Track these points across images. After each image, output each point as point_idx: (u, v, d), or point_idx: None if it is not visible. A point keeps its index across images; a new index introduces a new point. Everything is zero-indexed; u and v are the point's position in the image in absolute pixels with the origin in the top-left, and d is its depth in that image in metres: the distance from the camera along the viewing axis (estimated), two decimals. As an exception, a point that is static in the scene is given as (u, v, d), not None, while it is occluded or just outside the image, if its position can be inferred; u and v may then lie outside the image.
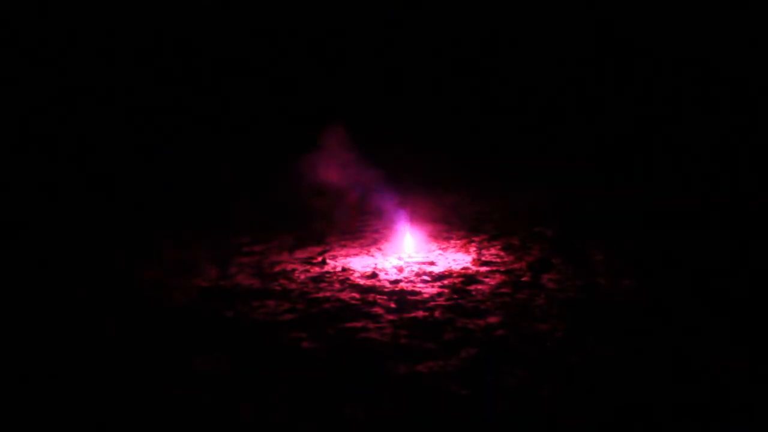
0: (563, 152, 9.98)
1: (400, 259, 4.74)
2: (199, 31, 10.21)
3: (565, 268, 4.35)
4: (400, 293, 3.88)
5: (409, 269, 4.42)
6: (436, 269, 4.40)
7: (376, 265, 4.56)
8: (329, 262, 4.69)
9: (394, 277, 4.24)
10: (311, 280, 4.25)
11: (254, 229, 5.89)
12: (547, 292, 3.84)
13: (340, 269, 4.48)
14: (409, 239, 5.12)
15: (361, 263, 4.64)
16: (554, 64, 11.06)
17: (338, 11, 10.81)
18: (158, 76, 9.87)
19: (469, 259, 4.67)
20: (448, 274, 4.27)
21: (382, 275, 4.28)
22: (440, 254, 4.84)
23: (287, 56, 10.72)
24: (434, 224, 5.91)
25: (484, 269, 4.38)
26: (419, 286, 4.03)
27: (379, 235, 5.56)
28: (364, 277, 4.26)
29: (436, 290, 3.92)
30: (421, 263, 4.56)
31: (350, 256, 4.88)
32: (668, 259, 4.53)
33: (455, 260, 4.65)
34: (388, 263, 4.61)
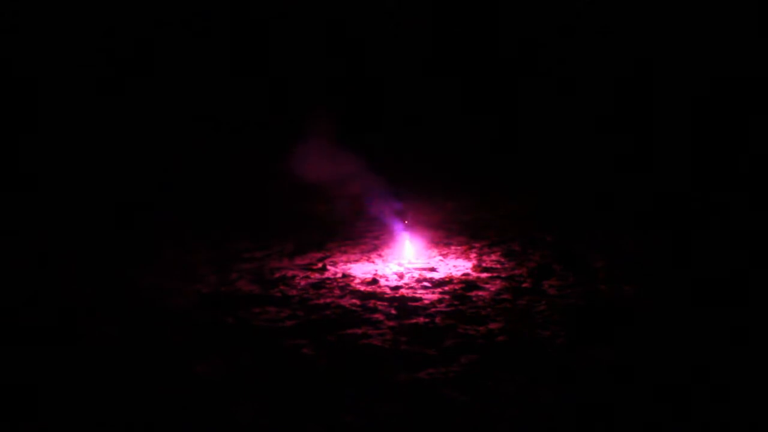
0: (564, 154, 9.95)
1: (400, 265, 4.73)
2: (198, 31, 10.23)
3: (566, 274, 4.34)
4: (400, 299, 3.87)
5: (409, 275, 4.42)
6: (436, 275, 4.40)
7: (376, 271, 4.56)
8: (330, 268, 4.69)
9: (394, 283, 4.24)
10: (311, 286, 4.24)
11: (254, 234, 5.88)
12: (548, 298, 3.84)
13: (340, 275, 4.48)
14: (409, 245, 5.12)
15: (361, 269, 4.63)
16: (554, 63, 11.03)
17: (338, 12, 10.82)
18: (157, 75, 9.87)
19: (469, 265, 4.66)
20: (448, 280, 4.27)
21: (382, 281, 4.27)
22: (441, 260, 4.84)
23: (286, 56, 10.70)
24: (434, 230, 5.90)
25: (484, 275, 4.38)
26: (420, 292, 4.02)
27: (379, 241, 5.55)
28: (364, 283, 4.26)
29: (436, 296, 3.92)
30: (421, 269, 4.56)
31: (351, 262, 4.87)
32: (670, 263, 4.52)
33: (456, 266, 4.65)
34: (388, 269, 4.60)
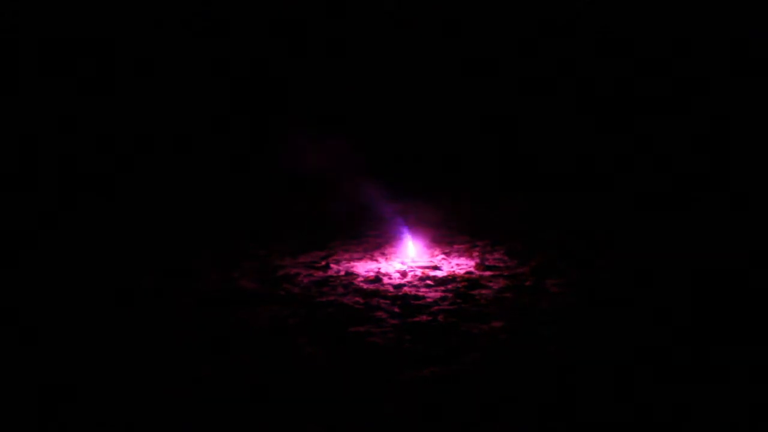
0: (564, 154, 9.93)
1: (403, 263, 4.73)
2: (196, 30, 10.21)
3: (568, 272, 4.34)
4: (403, 298, 3.88)
5: (412, 273, 4.42)
6: (439, 273, 4.40)
7: (379, 269, 4.56)
8: (333, 266, 4.69)
9: (397, 281, 4.24)
10: (314, 284, 4.25)
11: (256, 233, 5.89)
12: (550, 296, 3.84)
13: (343, 273, 4.48)
14: (412, 244, 5.12)
15: (364, 267, 4.64)
16: (554, 63, 10.99)
17: (338, 11, 10.79)
18: (158, 76, 9.86)
19: (472, 263, 4.66)
20: (451, 278, 4.27)
21: (385, 279, 4.28)
22: (444, 259, 4.84)
23: (285, 56, 10.69)
24: (437, 229, 5.90)
25: (487, 273, 4.38)
26: (423, 290, 4.03)
27: (382, 239, 5.56)
28: (367, 281, 4.26)
29: (439, 294, 3.92)
30: (424, 267, 4.56)
31: (354, 260, 4.87)
32: (670, 263, 4.51)
33: (459, 264, 4.65)
34: (391, 267, 4.61)
